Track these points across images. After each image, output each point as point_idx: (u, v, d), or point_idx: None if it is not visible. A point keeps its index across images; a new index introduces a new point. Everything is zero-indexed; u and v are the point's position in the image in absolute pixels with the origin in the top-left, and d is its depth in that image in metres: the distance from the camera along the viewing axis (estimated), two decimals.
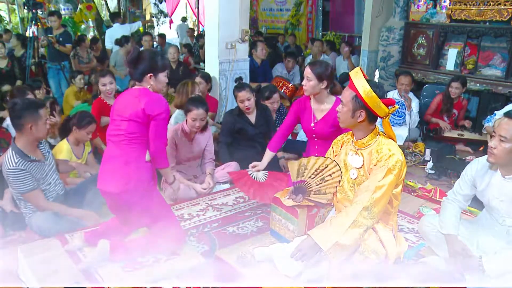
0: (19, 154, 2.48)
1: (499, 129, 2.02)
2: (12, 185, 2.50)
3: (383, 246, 2.07)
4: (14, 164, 2.45)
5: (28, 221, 2.66)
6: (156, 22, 12.66)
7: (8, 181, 2.51)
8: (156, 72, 2.25)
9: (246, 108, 3.71)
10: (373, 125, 2.12)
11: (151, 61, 2.24)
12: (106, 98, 3.95)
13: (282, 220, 2.54)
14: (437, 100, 4.86)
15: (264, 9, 10.12)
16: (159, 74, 2.27)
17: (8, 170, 2.46)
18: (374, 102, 1.99)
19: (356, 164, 2.13)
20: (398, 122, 4.74)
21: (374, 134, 2.10)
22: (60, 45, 5.89)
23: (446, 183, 3.69)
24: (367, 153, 2.10)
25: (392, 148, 2.04)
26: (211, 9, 4.68)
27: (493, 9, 5.07)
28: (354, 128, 2.15)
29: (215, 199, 3.23)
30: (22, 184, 2.48)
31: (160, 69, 2.28)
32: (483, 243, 2.21)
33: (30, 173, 2.49)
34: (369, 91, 1.99)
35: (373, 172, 2.04)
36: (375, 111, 2.02)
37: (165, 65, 2.32)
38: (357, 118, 2.06)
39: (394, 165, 2.00)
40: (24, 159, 2.48)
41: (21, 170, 2.46)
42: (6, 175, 2.49)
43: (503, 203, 2.12)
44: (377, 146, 2.07)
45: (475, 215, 2.73)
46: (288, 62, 6.10)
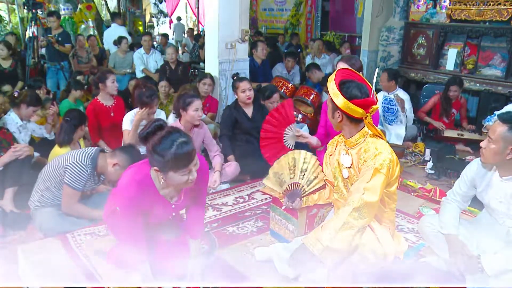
0: (92, 162, 2.55)
1: (489, 130, 2.08)
2: (69, 175, 2.52)
3: (381, 246, 2.07)
4: (85, 163, 2.53)
5: (32, 212, 2.68)
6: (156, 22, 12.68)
7: (67, 170, 2.52)
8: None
9: (248, 98, 3.78)
10: (359, 125, 2.08)
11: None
12: (104, 100, 3.88)
13: (282, 221, 2.55)
14: (433, 100, 4.86)
15: (264, 9, 10.12)
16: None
17: (76, 162, 2.52)
18: (344, 105, 1.97)
19: (346, 163, 2.14)
20: (392, 119, 4.72)
21: (363, 134, 2.08)
22: (59, 45, 5.90)
23: (446, 183, 3.70)
24: (355, 153, 2.09)
25: (380, 147, 2.00)
26: (211, 9, 4.67)
27: (493, 9, 5.07)
28: (339, 128, 2.15)
29: (215, 199, 3.23)
30: (76, 180, 2.52)
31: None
32: (483, 243, 2.20)
33: (86, 179, 2.56)
34: (336, 94, 1.98)
35: (361, 172, 2.02)
36: (348, 113, 1.99)
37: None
38: (336, 119, 2.07)
39: (382, 164, 1.95)
40: (92, 168, 2.57)
41: (85, 173, 2.53)
42: (69, 164, 2.52)
43: (502, 204, 2.12)
44: (365, 145, 2.06)
45: (475, 215, 2.73)
46: (288, 62, 6.10)
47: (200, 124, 3.42)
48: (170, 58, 5.84)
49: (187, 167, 1.69)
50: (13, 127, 3.46)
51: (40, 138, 3.84)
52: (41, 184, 2.65)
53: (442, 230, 2.25)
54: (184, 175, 1.70)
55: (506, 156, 2.01)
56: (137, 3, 12.18)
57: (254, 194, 3.35)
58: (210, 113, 4.60)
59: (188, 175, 1.72)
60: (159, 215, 1.95)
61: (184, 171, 1.69)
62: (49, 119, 3.84)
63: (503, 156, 2.02)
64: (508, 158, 2.00)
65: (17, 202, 2.92)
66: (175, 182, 1.76)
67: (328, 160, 2.33)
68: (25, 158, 3.04)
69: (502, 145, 2.00)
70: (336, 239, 1.91)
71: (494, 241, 2.17)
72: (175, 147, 1.65)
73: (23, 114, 3.57)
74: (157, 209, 1.90)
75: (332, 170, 2.26)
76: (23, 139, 3.51)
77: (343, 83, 2.02)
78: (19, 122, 3.55)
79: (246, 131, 3.82)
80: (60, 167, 2.56)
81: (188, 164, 1.69)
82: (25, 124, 3.61)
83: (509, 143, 1.98)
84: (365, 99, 1.98)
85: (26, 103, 3.54)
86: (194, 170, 1.74)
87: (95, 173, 2.62)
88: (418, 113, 4.92)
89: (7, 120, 3.50)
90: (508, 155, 2.00)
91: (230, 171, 3.56)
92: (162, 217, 2.01)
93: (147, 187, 1.81)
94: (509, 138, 1.98)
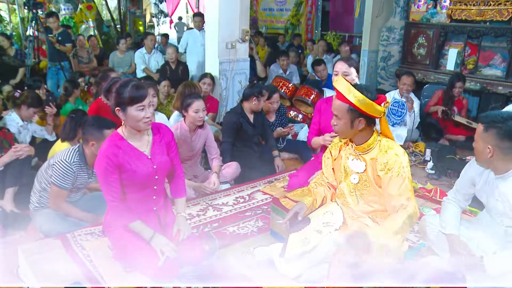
0: (80, 157, 2.56)
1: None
2: (53, 174, 2.52)
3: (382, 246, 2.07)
4: (71, 161, 2.52)
5: (32, 213, 2.68)
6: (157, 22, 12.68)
7: (53, 169, 2.53)
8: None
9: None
10: (373, 127, 2.09)
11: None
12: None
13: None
14: (437, 94, 4.86)
15: (264, 9, 10.12)
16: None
17: (61, 161, 2.52)
18: (370, 107, 1.96)
19: (358, 169, 2.11)
20: (396, 121, 4.73)
21: (374, 138, 2.07)
22: (60, 45, 5.90)
23: (447, 183, 3.69)
24: (370, 158, 2.07)
25: (398, 151, 2.03)
26: (212, 9, 4.68)
27: (494, 9, 5.07)
28: (355, 136, 2.10)
29: (215, 199, 3.23)
30: (62, 179, 2.52)
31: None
32: (483, 243, 2.20)
33: (74, 176, 2.56)
34: (363, 99, 1.95)
35: (392, 180, 2.02)
36: (373, 115, 2.00)
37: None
38: (357, 127, 2.02)
39: (407, 166, 2.02)
40: (80, 164, 2.57)
41: (71, 169, 2.52)
42: (55, 163, 2.53)
43: (498, 203, 2.12)
44: (379, 150, 2.05)
45: (475, 215, 2.72)
46: (282, 61, 6.04)
47: (203, 125, 3.41)
48: (170, 58, 5.84)
49: (141, 102, 2.00)
50: (13, 127, 3.47)
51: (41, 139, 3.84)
52: (37, 185, 2.66)
53: (443, 230, 2.25)
54: (139, 110, 2.01)
55: (487, 156, 2.02)
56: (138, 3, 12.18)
57: (254, 194, 3.35)
58: (210, 114, 4.60)
59: (143, 111, 2.02)
60: (140, 170, 2.11)
61: (139, 106, 2.00)
62: (49, 120, 3.84)
63: (485, 155, 2.03)
64: (489, 157, 2.02)
65: (17, 202, 2.92)
66: (135, 120, 2.03)
67: (329, 163, 2.31)
68: (25, 158, 3.05)
69: (482, 145, 2.03)
70: (392, 239, 1.97)
71: (493, 241, 2.17)
72: (130, 86, 2.02)
73: (23, 115, 3.57)
74: (135, 163, 2.10)
75: (339, 174, 2.24)
76: (23, 139, 3.51)
77: (356, 87, 2.01)
78: (20, 122, 3.55)
79: (248, 137, 3.81)
80: (49, 167, 2.58)
81: (142, 99, 2.01)
82: (26, 125, 3.62)
83: (486, 142, 2.00)
84: (380, 97, 2.01)
85: (27, 104, 3.55)
86: (148, 109, 2.03)
87: (86, 166, 2.61)
88: (425, 108, 4.92)
89: (7, 120, 3.51)
90: (488, 154, 2.01)
91: (231, 172, 3.56)
92: (145, 174, 2.13)
93: (118, 140, 2.10)
94: (485, 138, 2.01)
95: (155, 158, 2.18)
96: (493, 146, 1.99)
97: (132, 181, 2.12)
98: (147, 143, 2.18)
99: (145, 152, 2.16)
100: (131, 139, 2.13)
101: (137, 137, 2.14)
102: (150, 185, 2.19)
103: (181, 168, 2.40)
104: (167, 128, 2.31)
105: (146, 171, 2.13)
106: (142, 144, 2.16)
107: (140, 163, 2.12)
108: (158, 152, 2.20)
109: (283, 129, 4.29)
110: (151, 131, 2.21)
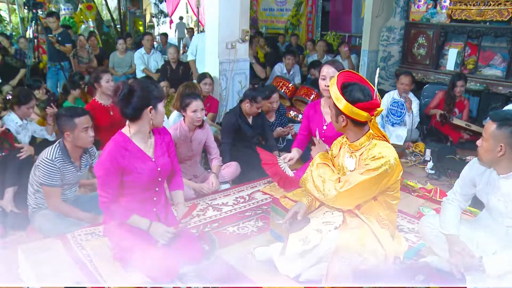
0: (62, 152, 2.57)
1: (484, 129, 2.12)
2: (40, 174, 2.53)
3: (382, 247, 2.07)
4: (53, 157, 2.52)
5: (31, 215, 2.68)
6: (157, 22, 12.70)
7: (38, 169, 2.55)
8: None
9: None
10: (364, 128, 2.05)
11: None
12: (102, 99, 3.84)
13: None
14: (439, 96, 4.84)
15: (264, 9, 10.12)
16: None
17: (44, 159, 2.53)
18: (347, 109, 1.93)
19: (350, 166, 2.11)
20: (396, 121, 4.73)
21: (368, 137, 2.04)
22: (60, 45, 5.90)
23: (446, 183, 3.69)
24: (359, 155, 2.08)
25: (383, 152, 1.96)
26: (212, 9, 4.68)
27: (494, 9, 5.07)
28: (344, 132, 2.12)
29: (215, 199, 3.23)
30: (49, 178, 2.53)
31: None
32: (483, 243, 2.20)
33: (60, 172, 2.56)
34: (339, 98, 1.94)
35: (363, 168, 1.99)
36: (352, 117, 1.96)
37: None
38: (341, 123, 2.04)
39: (379, 167, 1.93)
40: (64, 159, 2.57)
41: (55, 166, 2.53)
42: (38, 163, 2.54)
43: (500, 202, 2.12)
44: (370, 148, 2.03)
45: (475, 215, 2.72)
46: (288, 61, 6.05)
47: (203, 125, 3.41)
48: (171, 58, 5.84)
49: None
50: (12, 127, 3.46)
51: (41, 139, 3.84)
52: (31, 188, 2.66)
53: (443, 230, 2.25)
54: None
55: (497, 154, 2.02)
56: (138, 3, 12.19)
57: (254, 194, 3.35)
58: (210, 114, 4.60)
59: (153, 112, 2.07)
60: (145, 173, 2.11)
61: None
62: (49, 120, 3.83)
63: (494, 154, 2.03)
64: (499, 155, 2.02)
65: (17, 202, 2.91)
66: (155, 121, 2.08)
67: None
68: (26, 158, 3.05)
69: (493, 143, 2.02)
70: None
71: (494, 241, 2.17)
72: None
73: (19, 114, 3.57)
74: (141, 166, 2.10)
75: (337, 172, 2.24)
76: (22, 139, 3.51)
77: (345, 86, 1.98)
78: (19, 122, 3.55)
79: (247, 138, 3.81)
80: (35, 168, 2.59)
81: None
82: (25, 124, 3.61)
83: (498, 141, 2.00)
84: (369, 102, 1.94)
85: (17, 103, 3.54)
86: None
87: (70, 160, 2.61)
88: (425, 110, 4.91)
89: (6, 120, 3.50)
90: (499, 152, 2.01)
91: (230, 172, 3.56)
92: (149, 177, 2.13)
93: (123, 140, 2.09)
94: (498, 136, 2.00)
95: (159, 160, 2.20)
96: (505, 144, 1.99)
97: (136, 184, 2.12)
98: (150, 144, 2.19)
99: (149, 154, 2.17)
100: (137, 140, 2.14)
101: (142, 138, 2.15)
102: (153, 187, 2.20)
103: (179, 168, 2.43)
104: (165, 129, 2.32)
105: (150, 174, 2.14)
106: (146, 145, 2.17)
107: (145, 166, 2.13)
108: (161, 154, 2.22)
109: (283, 129, 4.29)
110: (152, 133, 2.21)
